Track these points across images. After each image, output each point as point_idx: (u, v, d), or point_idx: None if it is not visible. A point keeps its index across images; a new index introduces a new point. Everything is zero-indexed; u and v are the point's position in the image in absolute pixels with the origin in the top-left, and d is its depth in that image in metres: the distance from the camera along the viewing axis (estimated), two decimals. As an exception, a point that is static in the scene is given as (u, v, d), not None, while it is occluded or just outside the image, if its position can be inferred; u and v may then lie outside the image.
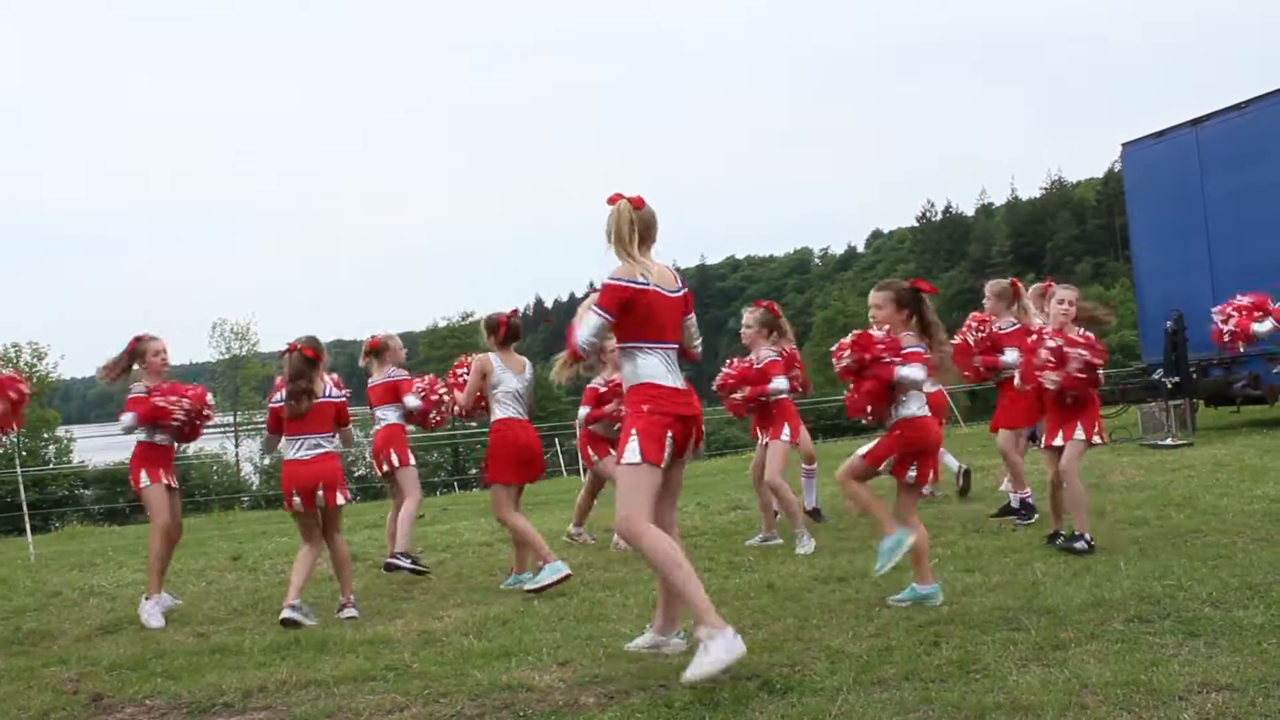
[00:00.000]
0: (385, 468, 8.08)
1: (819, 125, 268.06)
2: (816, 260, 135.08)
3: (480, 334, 7.25)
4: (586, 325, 4.60)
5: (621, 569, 7.41)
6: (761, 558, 7.33)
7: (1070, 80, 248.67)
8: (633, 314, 4.59)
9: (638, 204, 4.67)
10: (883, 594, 5.70)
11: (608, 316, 4.57)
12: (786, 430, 7.80)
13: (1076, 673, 4.02)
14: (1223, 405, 15.37)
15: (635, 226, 4.63)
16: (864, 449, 5.58)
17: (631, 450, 4.49)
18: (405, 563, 7.56)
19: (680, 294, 4.76)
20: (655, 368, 4.62)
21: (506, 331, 7.08)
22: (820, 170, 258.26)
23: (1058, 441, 6.52)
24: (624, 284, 4.57)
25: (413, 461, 8.13)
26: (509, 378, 6.94)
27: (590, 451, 8.69)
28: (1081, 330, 6.54)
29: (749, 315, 8.04)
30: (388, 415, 8.15)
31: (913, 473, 5.47)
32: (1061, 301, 6.62)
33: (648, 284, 4.59)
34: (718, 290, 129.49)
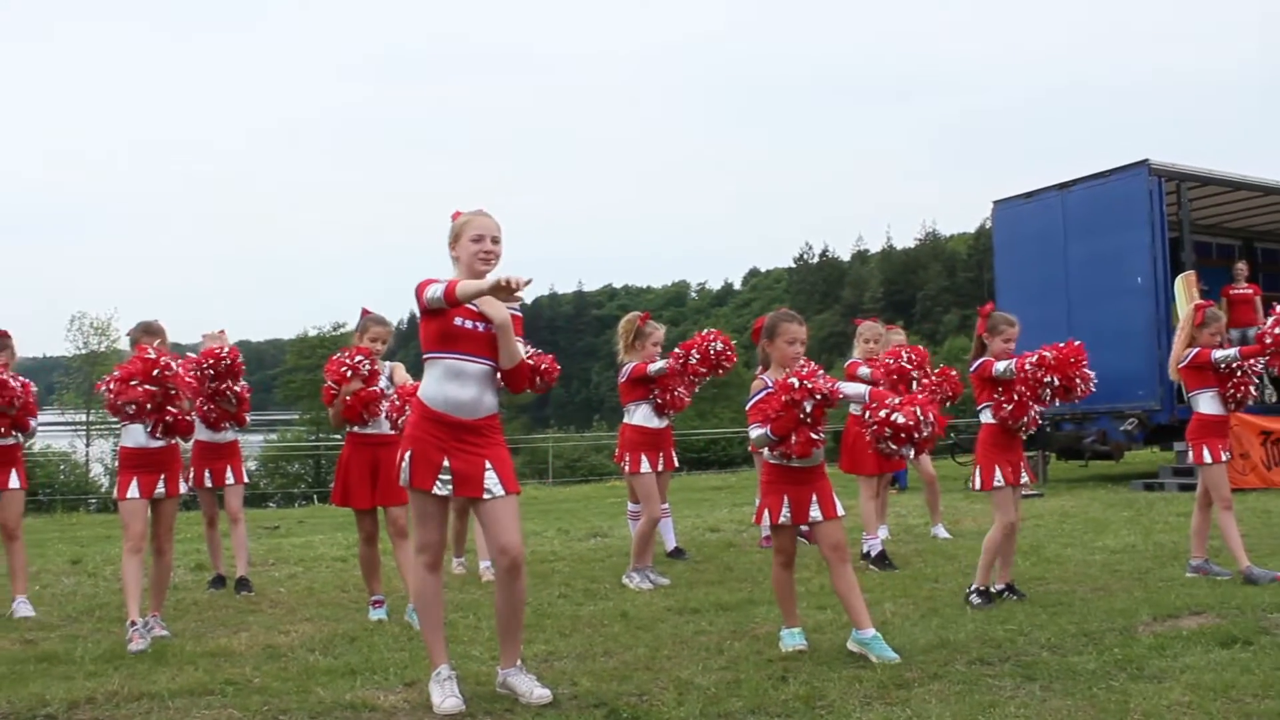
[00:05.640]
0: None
1: (704, 160, 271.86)
2: (693, 294, 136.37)
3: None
4: None
5: (475, 591, 7.33)
6: (617, 587, 7.32)
7: (950, 135, 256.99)
8: None
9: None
10: (734, 628, 5.75)
11: None
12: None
13: (918, 711, 4.10)
14: (1073, 459, 15.97)
15: None
16: None
17: None
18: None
19: None
20: None
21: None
22: (703, 205, 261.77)
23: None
24: None
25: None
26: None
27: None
28: None
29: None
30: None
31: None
32: (1009, 340, 6.39)
33: None
34: (593, 318, 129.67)
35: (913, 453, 5.20)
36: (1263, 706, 4.00)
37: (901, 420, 4.97)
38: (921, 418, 4.98)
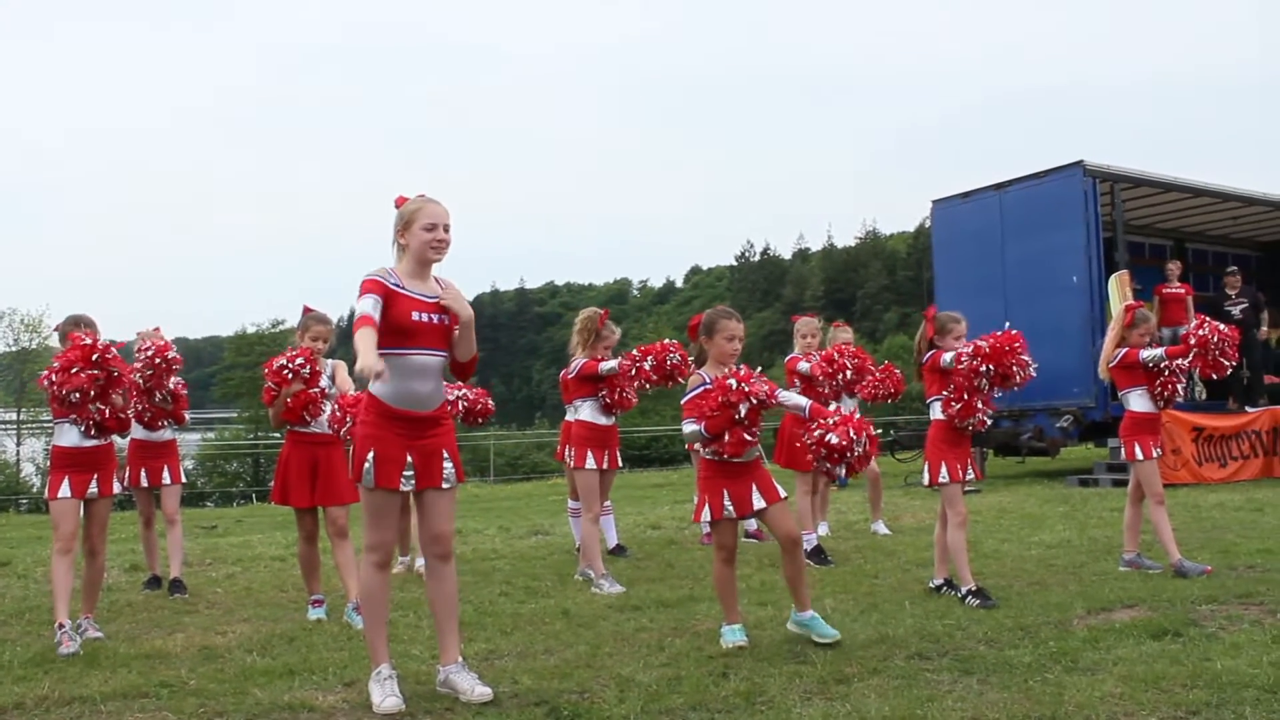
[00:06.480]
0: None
1: (647, 158, 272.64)
2: (635, 291, 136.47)
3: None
4: None
5: (416, 590, 7.27)
6: (559, 584, 7.31)
7: (892, 136, 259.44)
8: None
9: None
10: (675, 625, 5.77)
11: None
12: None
13: (857, 706, 4.13)
14: (1010, 455, 16.19)
15: None
16: None
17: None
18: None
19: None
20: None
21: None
22: (645, 203, 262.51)
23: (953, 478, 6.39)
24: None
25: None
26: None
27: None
28: None
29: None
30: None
31: None
32: (959, 337, 6.49)
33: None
34: (535, 315, 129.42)
35: (844, 471, 5.21)
36: (1191, 696, 4.09)
37: (835, 441, 5.02)
38: (855, 438, 5.02)
